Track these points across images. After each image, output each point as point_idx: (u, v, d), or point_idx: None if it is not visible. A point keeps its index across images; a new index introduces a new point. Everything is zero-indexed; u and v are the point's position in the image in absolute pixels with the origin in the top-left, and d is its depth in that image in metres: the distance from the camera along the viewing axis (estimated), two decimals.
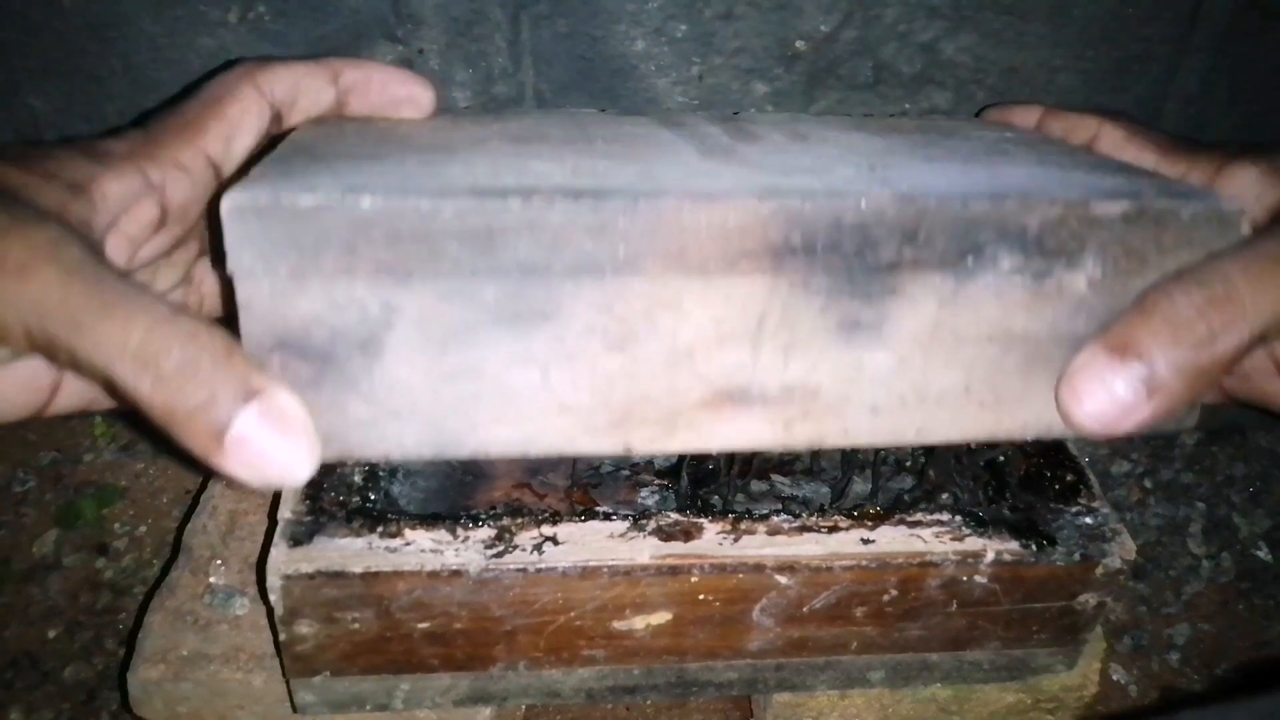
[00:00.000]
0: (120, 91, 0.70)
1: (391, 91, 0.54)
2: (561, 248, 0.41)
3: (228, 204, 0.39)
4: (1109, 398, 0.44)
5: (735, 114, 0.67)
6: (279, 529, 0.54)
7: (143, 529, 0.81)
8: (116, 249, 0.44)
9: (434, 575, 0.50)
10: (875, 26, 0.71)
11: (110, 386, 0.37)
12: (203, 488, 0.70)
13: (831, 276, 0.44)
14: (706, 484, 0.67)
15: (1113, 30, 0.73)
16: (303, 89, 0.51)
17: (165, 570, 0.64)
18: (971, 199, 0.43)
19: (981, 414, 0.48)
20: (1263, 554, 0.84)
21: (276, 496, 0.60)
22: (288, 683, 0.56)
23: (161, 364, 0.36)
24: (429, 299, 0.42)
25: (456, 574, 0.50)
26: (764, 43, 0.71)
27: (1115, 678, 0.74)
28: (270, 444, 0.38)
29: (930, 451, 0.69)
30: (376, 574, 0.50)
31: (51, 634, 0.74)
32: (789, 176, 0.46)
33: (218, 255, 0.41)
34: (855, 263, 0.44)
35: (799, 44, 0.71)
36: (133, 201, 0.44)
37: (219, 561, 0.64)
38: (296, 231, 0.39)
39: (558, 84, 0.72)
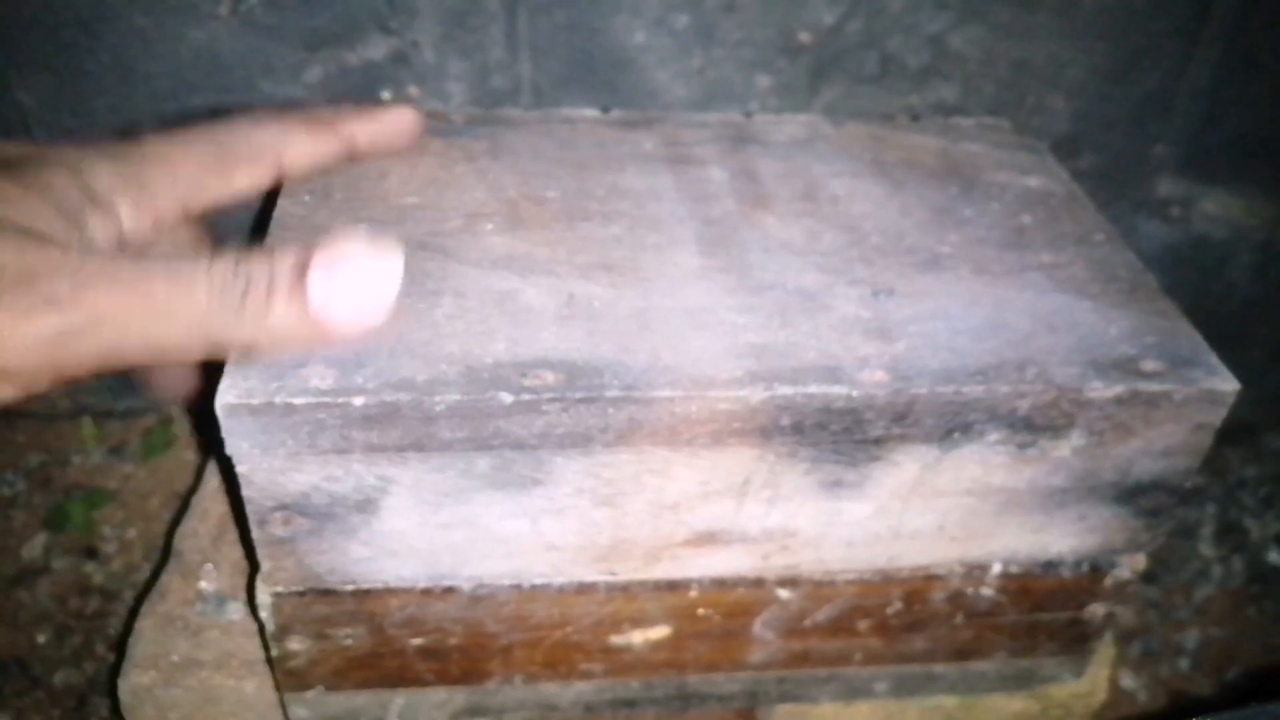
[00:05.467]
0: (110, 86, 0.69)
1: (385, 141, 0.56)
2: (551, 431, 0.43)
3: (222, 402, 0.41)
4: None
5: (748, 115, 0.67)
6: None
7: (132, 532, 0.80)
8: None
9: (427, 592, 0.49)
10: (881, 18, 0.70)
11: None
12: (193, 490, 0.68)
13: (818, 449, 0.46)
14: None
15: (1123, 22, 0.72)
16: (314, 155, 0.53)
17: (156, 574, 0.63)
18: (964, 384, 0.45)
19: (951, 545, 0.51)
20: (1274, 558, 0.83)
21: None
22: (280, 697, 0.54)
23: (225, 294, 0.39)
24: (423, 470, 0.44)
25: (450, 590, 0.49)
26: (767, 34, 0.70)
27: (1124, 684, 0.73)
28: (351, 266, 0.40)
29: None
30: (368, 591, 0.48)
31: (41, 639, 0.73)
32: (786, 324, 0.48)
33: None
34: (843, 437, 0.46)
35: (803, 35, 0.70)
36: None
37: (210, 566, 0.63)
38: (291, 424, 0.41)
39: (555, 77, 0.71)
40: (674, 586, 0.51)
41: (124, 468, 0.84)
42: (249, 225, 0.75)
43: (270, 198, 0.54)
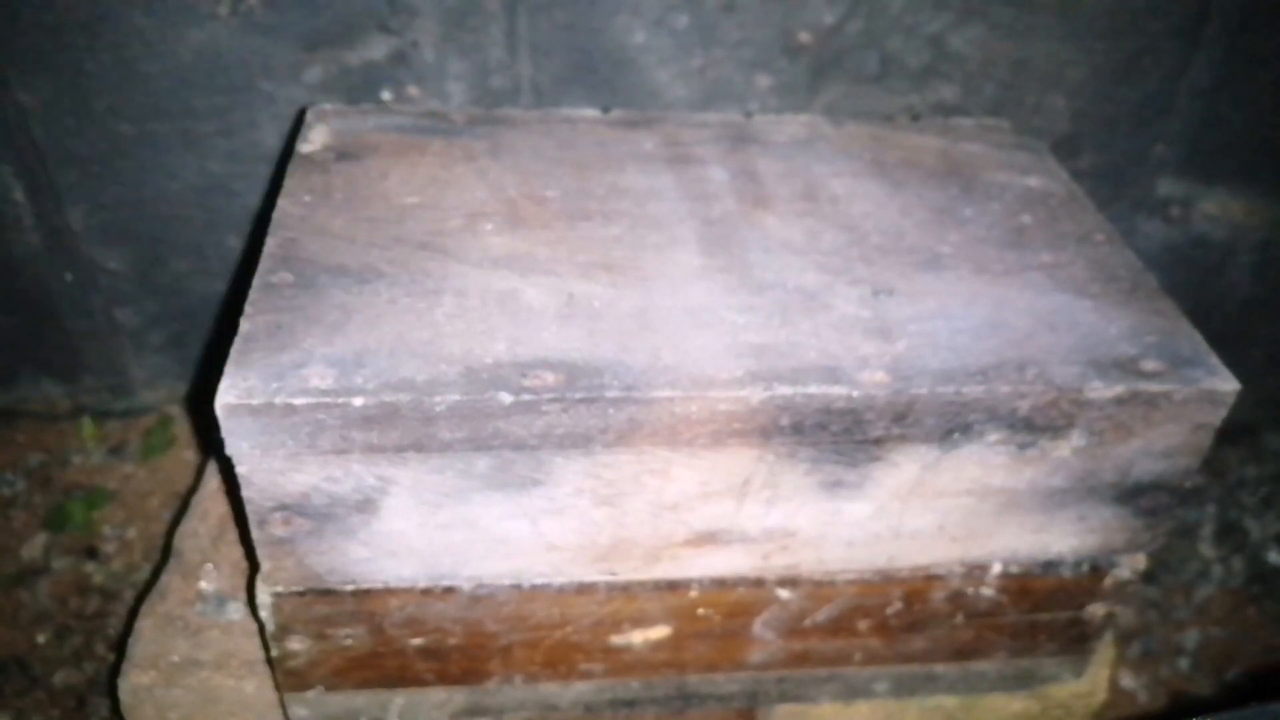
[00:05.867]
0: (110, 86, 0.69)
1: None
2: (551, 431, 0.44)
3: (222, 402, 0.41)
4: None
5: (748, 115, 0.67)
6: None
7: (132, 532, 0.79)
8: None
9: (427, 592, 0.49)
10: (881, 18, 0.70)
11: None
12: (193, 490, 0.68)
13: (819, 449, 0.46)
14: None
15: (1123, 23, 0.72)
16: None
17: (156, 574, 0.63)
18: (964, 384, 0.45)
19: (952, 545, 0.51)
20: (1274, 558, 0.83)
21: None
22: (281, 697, 0.54)
23: None
24: (423, 471, 0.44)
25: (450, 590, 0.49)
26: (767, 34, 0.70)
27: (1124, 684, 0.73)
28: None
29: None
30: (368, 591, 0.48)
31: (41, 639, 0.73)
32: (786, 324, 0.48)
33: None
34: (843, 437, 0.46)
35: (803, 36, 0.70)
36: None
37: (210, 566, 0.63)
38: (291, 425, 0.42)
39: (555, 77, 0.70)
40: (674, 586, 0.51)
41: (124, 468, 0.84)
42: (249, 224, 0.75)
43: (270, 197, 0.54)
